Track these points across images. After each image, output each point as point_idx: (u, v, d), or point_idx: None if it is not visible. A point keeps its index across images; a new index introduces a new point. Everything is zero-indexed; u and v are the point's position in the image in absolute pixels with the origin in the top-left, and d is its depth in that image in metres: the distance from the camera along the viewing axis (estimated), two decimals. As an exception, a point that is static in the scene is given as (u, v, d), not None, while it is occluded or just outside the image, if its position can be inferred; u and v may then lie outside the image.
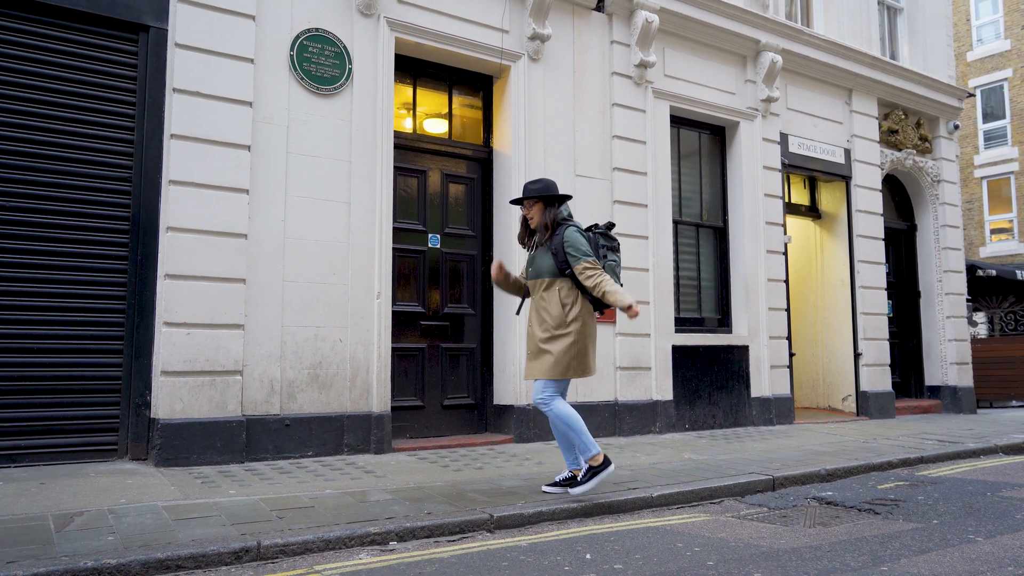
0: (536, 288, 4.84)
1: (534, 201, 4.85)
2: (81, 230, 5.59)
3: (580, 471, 4.78)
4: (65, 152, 5.57)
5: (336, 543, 3.82)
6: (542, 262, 4.79)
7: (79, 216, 5.59)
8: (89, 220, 5.62)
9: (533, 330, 4.81)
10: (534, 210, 4.85)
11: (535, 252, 4.88)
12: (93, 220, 5.64)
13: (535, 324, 4.80)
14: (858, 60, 10.55)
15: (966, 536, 4.19)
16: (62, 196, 5.54)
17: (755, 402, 9.06)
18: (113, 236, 5.70)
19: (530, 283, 4.89)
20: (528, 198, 4.85)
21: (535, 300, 4.85)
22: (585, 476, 4.71)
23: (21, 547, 3.45)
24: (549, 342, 4.69)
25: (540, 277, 4.80)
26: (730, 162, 9.49)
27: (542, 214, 4.82)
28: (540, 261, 4.81)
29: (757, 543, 4.02)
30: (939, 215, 11.99)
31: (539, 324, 4.77)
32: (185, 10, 5.85)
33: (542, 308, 4.78)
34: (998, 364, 14.51)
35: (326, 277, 6.32)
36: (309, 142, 6.34)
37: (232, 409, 5.78)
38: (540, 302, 4.80)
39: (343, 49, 6.56)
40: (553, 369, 4.66)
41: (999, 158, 22.41)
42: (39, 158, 5.48)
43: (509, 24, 7.54)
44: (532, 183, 4.88)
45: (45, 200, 5.48)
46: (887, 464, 6.58)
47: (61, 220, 5.53)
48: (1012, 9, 22.52)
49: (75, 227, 5.57)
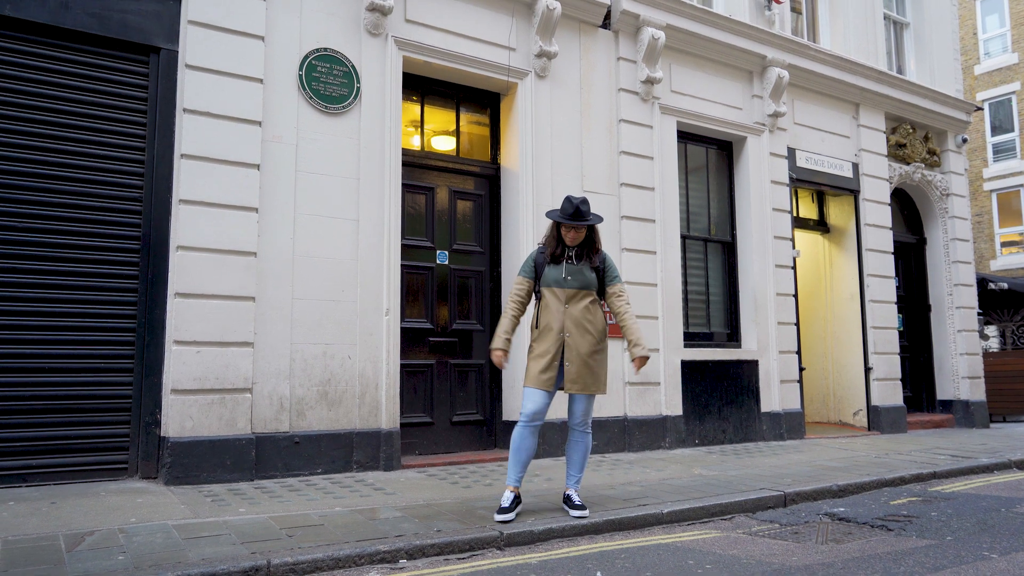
0: (577, 299, 4.86)
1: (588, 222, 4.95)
2: (92, 249, 5.64)
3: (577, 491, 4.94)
4: (77, 172, 5.62)
5: (346, 561, 3.81)
6: (588, 276, 4.90)
7: (90, 235, 5.63)
8: (100, 239, 5.67)
9: (575, 342, 4.81)
10: (584, 230, 4.93)
11: (577, 265, 4.91)
12: (104, 239, 5.68)
13: (577, 336, 4.81)
14: (865, 74, 10.57)
15: (981, 553, 4.14)
16: (73, 216, 5.59)
17: (765, 417, 9.01)
18: (124, 255, 5.74)
19: (568, 292, 4.87)
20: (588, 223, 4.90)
21: (577, 312, 4.84)
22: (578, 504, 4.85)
23: (32, 567, 3.46)
24: (595, 356, 4.86)
25: (586, 289, 4.89)
26: (738, 177, 9.49)
27: (594, 235, 5.01)
28: (587, 275, 4.90)
29: (769, 560, 3.99)
30: (949, 228, 11.95)
31: (582, 335, 4.81)
32: (195, 32, 5.92)
33: (587, 321, 4.84)
34: (1011, 378, 14.37)
35: (335, 294, 6.34)
36: (318, 160, 6.38)
37: (242, 427, 5.79)
38: (585, 314, 4.84)
39: (351, 68, 6.62)
40: (604, 386, 4.92)
41: (1008, 171, 22.34)
42: (51, 179, 5.54)
43: (516, 42, 7.59)
44: (585, 205, 4.86)
45: (56, 220, 5.53)
46: (899, 480, 6.52)
47: (72, 240, 5.57)
48: (1019, 23, 22.53)
49: (86, 246, 5.62)
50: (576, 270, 4.90)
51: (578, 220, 4.83)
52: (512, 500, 4.68)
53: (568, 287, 4.88)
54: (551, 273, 4.92)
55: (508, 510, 4.60)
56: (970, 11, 23.33)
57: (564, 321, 4.83)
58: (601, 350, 4.87)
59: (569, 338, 4.82)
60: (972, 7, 23.38)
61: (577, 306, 4.84)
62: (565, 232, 4.90)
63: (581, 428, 4.93)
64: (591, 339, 4.82)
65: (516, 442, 4.80)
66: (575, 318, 4.83)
